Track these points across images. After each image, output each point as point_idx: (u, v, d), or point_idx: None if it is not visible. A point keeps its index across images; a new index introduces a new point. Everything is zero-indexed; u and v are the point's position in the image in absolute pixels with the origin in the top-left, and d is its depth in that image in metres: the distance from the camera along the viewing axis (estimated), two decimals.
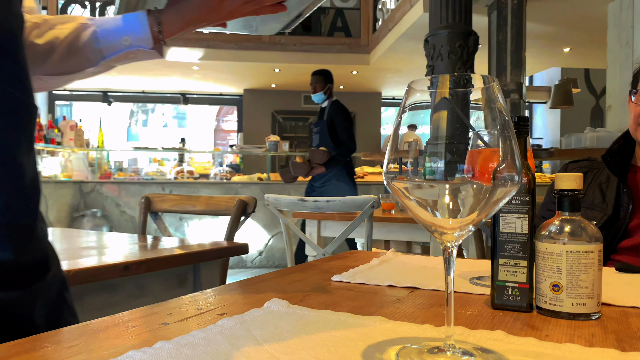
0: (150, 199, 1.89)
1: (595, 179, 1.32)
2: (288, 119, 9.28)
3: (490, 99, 0.46)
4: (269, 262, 5.51)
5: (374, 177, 5.82)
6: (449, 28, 3.63)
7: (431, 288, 0.77)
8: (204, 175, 6.42)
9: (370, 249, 2.19)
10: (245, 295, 0.72)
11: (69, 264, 1.04)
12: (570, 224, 0.62)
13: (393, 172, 0.47)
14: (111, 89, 9.10)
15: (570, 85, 6.97)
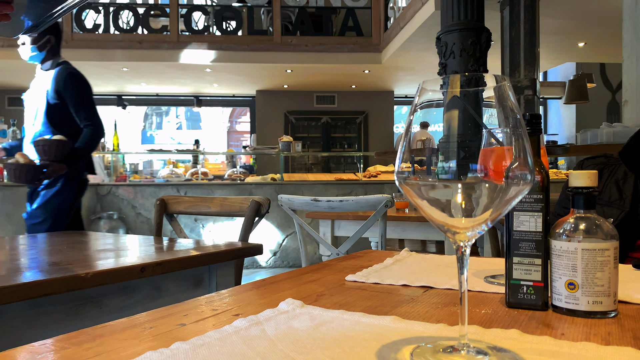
0: (165, 201, 1.91)
1: (612, 176, 1.30)
2: (300, 119, 9.30)
3: (501, 98, 0.46)
4: (284, 262, 5.53)
5: (387, 175, 5.81)
6: (461, 25, 3.61)
7: (445, 287, 0.77)
8: (218, 176, 6.47)
9: (384, 249, 2.19)
10: (260, 296, 0.73)
11: (87, 266, 1.06)
12: (585, 221, 0.62)
13: (405, 172, 0.48)
14: (126, 93, 9.20)
15: (585, 80, 6.87)
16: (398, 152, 0.49)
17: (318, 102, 9.32)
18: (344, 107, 9.33)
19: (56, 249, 1.42)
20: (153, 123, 11.04)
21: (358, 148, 9.30)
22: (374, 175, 5.86)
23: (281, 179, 5.72)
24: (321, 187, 5.54)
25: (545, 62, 6.66)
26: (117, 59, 6.92)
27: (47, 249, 1.41)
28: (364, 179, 5.74)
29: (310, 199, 2.27)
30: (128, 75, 7.85)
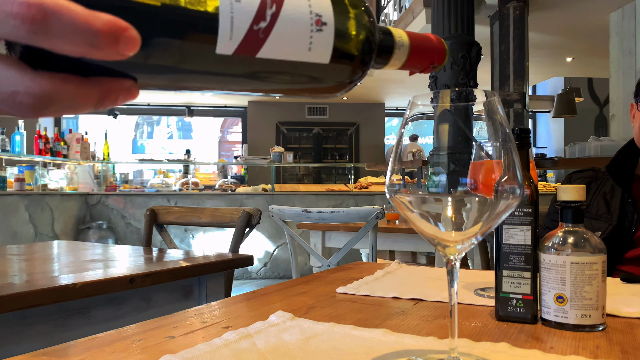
0: (155, 212, 1.90)
1: (600, 189, 1.32)
2: (292, 130, 9.32)
3: (491, 113, 0.47)
4: (274, 272, 5.50)
5: (377, 187, 5.82)
6: (452, 39, 3.65)
7: (436, 299, 0.78)
8: (209, 186, 6.45)
9: (375, 260, 2.19)
10: (250, 308, 0.73)
11: (76, 277, 1.05)
12: (573, 235, 0.63)
13: (396, 185, 0.48)
14: None
15: (573, 94, 6.97)
16: (389, 165, 0.49)
17: (310, 113, 9.35)
18: (336, 119, 9.37)
19: (44, 259, 1.41)
20: (144, 132, 11.01)
21: (349, 159, 9.33)
22: (365, 186, 5.88)
23: (272, 189, 5.72)
24: (312, 197, 5.54)
25: (534, 76, 6.75)
26: None
27: (34, 259, 1.39)
28: (355, 190, 5.75)
29: (301, 210, 2.27)
30: None
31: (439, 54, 0.44)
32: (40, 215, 4.52)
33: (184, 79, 0.31)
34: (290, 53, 0.33)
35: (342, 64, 0.36)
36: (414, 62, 0.43)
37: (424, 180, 0.47)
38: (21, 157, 4.76)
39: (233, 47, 0.30)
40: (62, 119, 9.38)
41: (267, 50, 0.31)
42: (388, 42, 0.40)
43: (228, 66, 0.31)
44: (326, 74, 0.36)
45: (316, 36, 0.33)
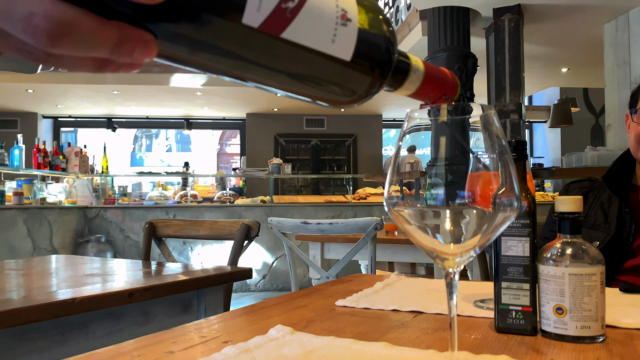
0: (154, 225, 1.90)
1: (597, 199, 1.32)
2: (290, 141, 9.34)
3: (487, 126, 0.47)
4: (273, 285, 5.48)
5: (376, 198, 5.82)
6: (448, 51, 3.68)
7: (435, 312, 0.77)
8: (208, 198, 6.44)
9: (374, 271, 2.19)
10: (250, 322, 0.73)
11: (74, 292, 1.05)
12: (571, 246, 0.63)
13: (394, 198, 0.48)
14: (116, 115, 9.20)
15: (569, 104, 7.01)
16: (387, 178, 0.49)
17: (308, 125, 9.38)
18: (333, 130, 9.39)
19: (42, 273, 1.40)
20: (143, 145, 11.02)
21: (347, 170, 9.34)
22: (363, 197, 5.88)
23: (271, 201, 5.71)
24: (311, 209, 5.53)
25: (530, 86, 6.79)
26: (108, 82, 6.94)
27: (32, 274, 1.39)
28: (353, 201, 5.75)
29: (300, 222, 2.26)
30: (118, 98, 7.86)
31: (452, 86, 0.45)
32: (38, 229, 4.50)
33: (202, 49, 0.30)
34: (315, 40, 0.33)
35: (361, 69, 0.37)
36: (427, 90, 0.44)
37: (422, 192, 0.48)
38: (20, 170, 4.76)
39: (260, 19, 0.30)
40: (61, 132, 9.40)
41: (292, 31, 0.31)
42: (404, 63, 0.41)
43: (251, 43, 0.31)
44: (344, 77, 0.36)
45: (340, 30, 0.34)
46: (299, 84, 0.36)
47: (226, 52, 0.31)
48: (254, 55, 0.32)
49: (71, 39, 0.24)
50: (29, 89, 7.24)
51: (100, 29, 0.25)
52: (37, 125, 8.76)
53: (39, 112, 8.82)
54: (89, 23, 0.24)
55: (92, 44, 0.25)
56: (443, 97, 0.45)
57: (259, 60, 0.32)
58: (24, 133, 5.84)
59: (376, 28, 0.37)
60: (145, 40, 0.27)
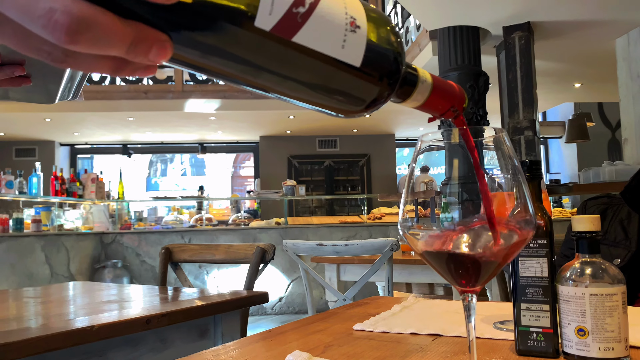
0: (170, 250, 1.91)
1: (616, 216, 1.30)
2: (304, 163, 9.38)
3: (500, 149, 0.47)
4: (290, 307, 5.44)
5: (391, 217, 5.79)
6: (459, 70, 3.69)
7: (454, 334, 0.76)
8: (223, 221, 6.47)
9: (391, 293, 2.16)
10: (267, 348, 0.72)
11: (92, 319, 1.05)
12: (590, 266, 0.62)
13: (409, 221, 0.48)
14: (131, 141, 9.35)
15: (584, 119, 6.95)
16: (401, 200, 0.50)
17: (320, 146, 9.42)
18: (346, 150, 9.42)
19: (60, 301, 1.42)
20: (158, 170, 11.15)
21: (361, 190, 9.32)
22: (378, 217, 5.85)
23: (285, 222, 5.71)
24: (326, 230, 5.52)
25: (544, 102, 6.77)
26: (123, 109, 7.07)
27: (50, 302, 1.40)
28: (368, 221, 5.72)
29: (315, 244, 2.26)
30: (133, 124, 8.00)
31: (460, 98, 0.45)
32: (56, 255, 4.55)
33: (215, 51, 0.30)
34: (325, 45, 0.33)
35: (370, 77, 0.37)
36: (435, 102, 0.44)
37: (438, 211, 0.48)
38: (38, 198, 4.84)
39: (272, 23, 0.30)
40: (78, 159, 9.57)
41: (303, 35, 0.32)
42: (412, 74, 0.42)
43: (262, 47, 0.31)
44: (353, 84, 0.37)
45: (350, 36, 0.35)
46: (308, 91, 0.36)
47: (238, 55, 0.31)
48: (265, 59, 0.32)
49: (89, 35, 0.25)
50: (46, 118, 7.41)
51: (117, 27, 0.26)
52: (54, 153, 8.94)
53: (57, 140, 9.01)
54: (107, 20, 0.25)
55: (110, 41, 0.25)
56: (451, 109, 0.46)
57: (270, 64, 0.33)
58: (42, 161, 5.96)
59: (384, 37, 0.38)
60: (161, 41, 0.27)
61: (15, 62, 0.81)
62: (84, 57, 0.27)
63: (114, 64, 0.28)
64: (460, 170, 0.48)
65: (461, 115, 0.46)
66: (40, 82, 0.83)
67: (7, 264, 4.09)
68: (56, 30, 0.24)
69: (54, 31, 0.24)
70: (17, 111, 6.62)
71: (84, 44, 0.25)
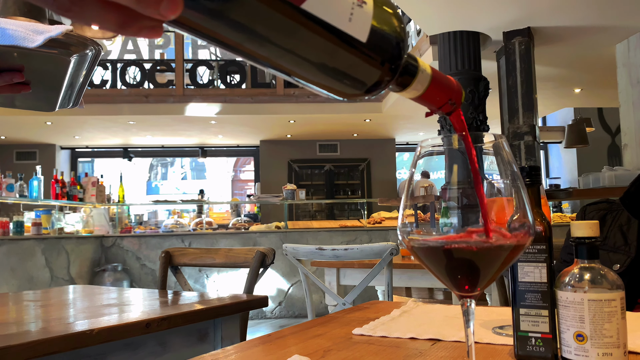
0: (170, 254, 1.91)
1: (616, 221, 1.30)
2: (304, 167, 9.38)
3: (500, 155, 0.48)
4: (289, 311, 5.43)
5: (391, 222, 5.79)
6: (459, 74, 3.70)
7: (454, 339, 0.77)
8: (223, 225, 6.47)
9: (391, 298, 2.16)
10: (266, 352, 0.73)
11: (91, 323, 1.06)
12: (589, 271, 0.62)
13: (408, 227, 0.49)
14: (132, 145, 9.36)
15: (584, 124, 6.96)
16: (401, 205, 0.50)
17: (321, 151, 9.43)
18: (347, 155, 9.43)
19: (60, 304, 1.42)
20: (158, 174, 11.16)
21: (361, 195, 9.32)
22: (378, 221, 5.85)
23: (285, 226, 5.71)
24: (326, 234, 5.52)
25: (544, 107, 6.78)
26: (124, 112, 7.09)
27: (50, 305, 1.40)
28: (368, 226, 5.72)
29: (315, 248, 2.26)
30: (134, 128, 8.01)
31: (458, 92, 0.45)
32: (56, 259, 4.55)
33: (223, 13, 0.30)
34: (333, 15, 0.34)
35: (373, 58, 0.37)
36: (434, 93, 0.44)
37: (437, 216, 0.48)
38: (38, 201, 4.84)
39: None
40: (78, 163, 9.57)
41: (313, 2, 0.32)
42: (412, 64, 0.42)
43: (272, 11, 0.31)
44: (356, 63, 0.37)
45: (357, 10, 0.35)
46: (311, 66, 0.36)
47: (247, 19, 0.31)
48: (273, 26, 0.32)
49: None
50: (47, 122, 7.43)
51: None
52: (55, 157, 8.95)
53: (57, 144, 9.02)
54: None
55: None
56: (449, 102, 0.46)
57: (278, 32, 0.33)
58: (42, 164, 5.97)
59: (389, 21, 0.38)
60: None
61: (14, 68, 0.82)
62: (90, 7, 0.25)
63: (120, 18, 0.26)
64: (459, 175, 0.48)
65: (459, 108, 0.47)
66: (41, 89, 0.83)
67: (8, 267, 4.09)
68: None
69: None
70: (18, 114, 6.63)
71: None
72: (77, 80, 0.94)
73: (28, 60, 0.82)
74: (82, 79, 0.95)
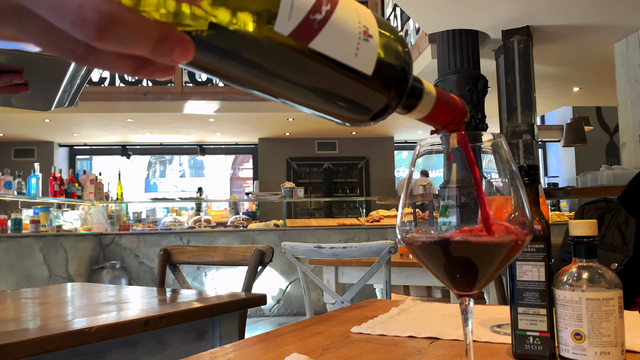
0: (168, 251, 1.91)
1: (614, 220, 1.30)
2: (302, 165, 9.38)
3: (499, 154, 0.48)
4: (287, 309, 5.44)
5: (389, 220, 5.80)
6: (458, 73, 3.71)
7: (452, 338, 0.77)
8: (221, 223, 6.46)
9: (389, 296, 2.17)
10: (265, 350, 0.73)
11: (90, 321, 1.06)
12: (587, 270, 0.62)
13: (407, 225, 0.49)
14: (130, 143, 9.34)
15: (582, 123, 6.97)
16: (400, 203, 0.50)
17: (319, 149, 9.42)
18: (345, 153, 9.43)
19: (58, 302, 1.42)
20: (157, 171, 11.15)
21: (360, 193, 9.33)
22: (377, 219, 5.85)
23: (284, 224, 5.71)
24: (324, 232, 5.52)
25: (542, 106, 6.78)
26: (122, 110, 7.07)
27: (48, 303, 1.40)
28: (366, 224, 5.73)
29: (313, 246, 2.26)
30: (133, 125, 8.00)
31: (462, 111, 0.46)
32: (54, 256, 4.55)
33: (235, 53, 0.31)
34: (340, 52, 0.34)
35: (380, 86, 0.38)
36: (438, 114, 0.45)
37: (436, 214, 0.48)
38: (36, 199, 4.84)
39: (290, 28, 0.31)
40: (77, 160, 9.56)
41: (319, 41, 0.33)
42: (418, 87, 0.42)
43: (280, 51, 0.32)
44: (363, 93, 0.38)
45: (363, 44, 0.36)
46: (318, 98, 0.37)
47: (256, 59, 0.32)
48: (281, 65, 0.33)
49: (117, 32, 0.25)
50: (46, 119, 7.41)
51: (144, 25, 0.26)
52: (53, 154, 8.93)
53: (55, 141, 9.00)
54: (135, 18, 0.26)
55: (136, 39, 0.26)
56: (453, 122, 0.46)
57: (286, 70, 0.34)
58: (40, 162, 5.96)
59: (394, 48, 0.39)
60: (185, 41, 0.28)
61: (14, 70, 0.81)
62: (107, 56, 0.27)
63: (134, 63, 0.28)
64: (458, 173, 0.48)
65: (462, 128, 0.47)
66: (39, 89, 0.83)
67: (6, 264, 4.08)
68: (85, 26, 0.24)
69: (83, 27, 0.25)
70: (16, 112, 6.61)
71: (111, 41, 0.25)
72: (75, 81, 0.94)
73: (28, 62, 0.82)
74: (80, 80, 0.95)
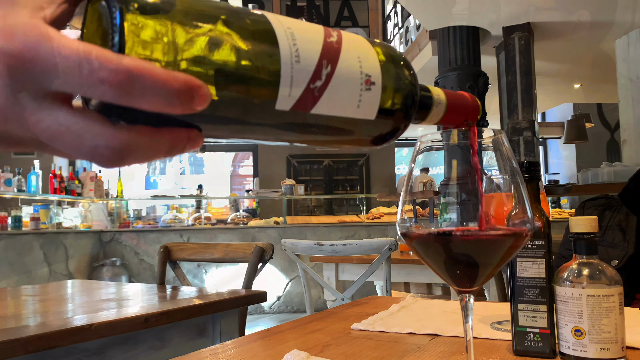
0: (169, 249, 1.91)
1: (614, 217, 1.30)
2: (303, 162, 9.38)
3: (499, 150, 0.48)
4: (288, 306, 5.44)
5: (390, 217, 5.80)
6: (458, 70, 3.70)
7: (452, 334, 0.77)
8: (222, 220, 6.46)
9: (389, 293, 2.17)
10: (265, 347, 0.73)
11: (90, 318, 1.06)
12: (588, 267, 0.62)
13: (407, 222, 0.49)
14: None
15: (583, 120, 6.96)
16: (400, 200, 0.50)
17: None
18: (345, 150, 9.40)
19: (58, 299, 1.42)
20: (157, 169, 11.14)
21: (360, 190, 9.32)
22: (377, 217, 5.85)
23: (284, 222, 5.71)
24: (324, 229, 5.52)
25: (543, 103, 6.77)
26: None
27: (49, 300, 1.40)
28: (367, 221, 5.73)
29: (313, 243, 2.26)
30: None
31: (473, 111, 0.46)
32: (54, 253, 4.55)
33: (242, 131, 0.33)
34: (341, 110, 0.35)
35: (387, 119, 0.38)
36: (450, 119, 0.45)
37: (436, 211, 0.48)
38: (36, 196, 4.84)
39: (291, 104, 0.32)
40: None
41: (320, 106, 0.33)
42: (427, 99, 0.42)
43: (283, 120, 0.33)
44: (371, 128, 0.38)
45: (365, 94, 0.35)
46: (325, 142, 0.38)
47: (260, 130, 0.33)
48: (286, 129, 0.34)
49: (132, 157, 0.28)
50: None
51: (154, 143, 0.28)
52: None
53: None
54: (144, 141, 0.28)
55: (150, 156, 0.29)
56: (465, 122, 0.46)
57: (290, 132, 0.35)
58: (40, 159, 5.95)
59: (399, 79, 0.38)
60: (193, 137, 0.30)
61: None
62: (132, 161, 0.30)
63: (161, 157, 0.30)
64: (459, 170, 0.48)
65: (474, 125, 0.47)
66: None
67: (6, 262, 4.09)
68: (102, 161, 0.28)
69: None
70: None
71: (128, 164, 0.28)
72: None
73: None
74: None
